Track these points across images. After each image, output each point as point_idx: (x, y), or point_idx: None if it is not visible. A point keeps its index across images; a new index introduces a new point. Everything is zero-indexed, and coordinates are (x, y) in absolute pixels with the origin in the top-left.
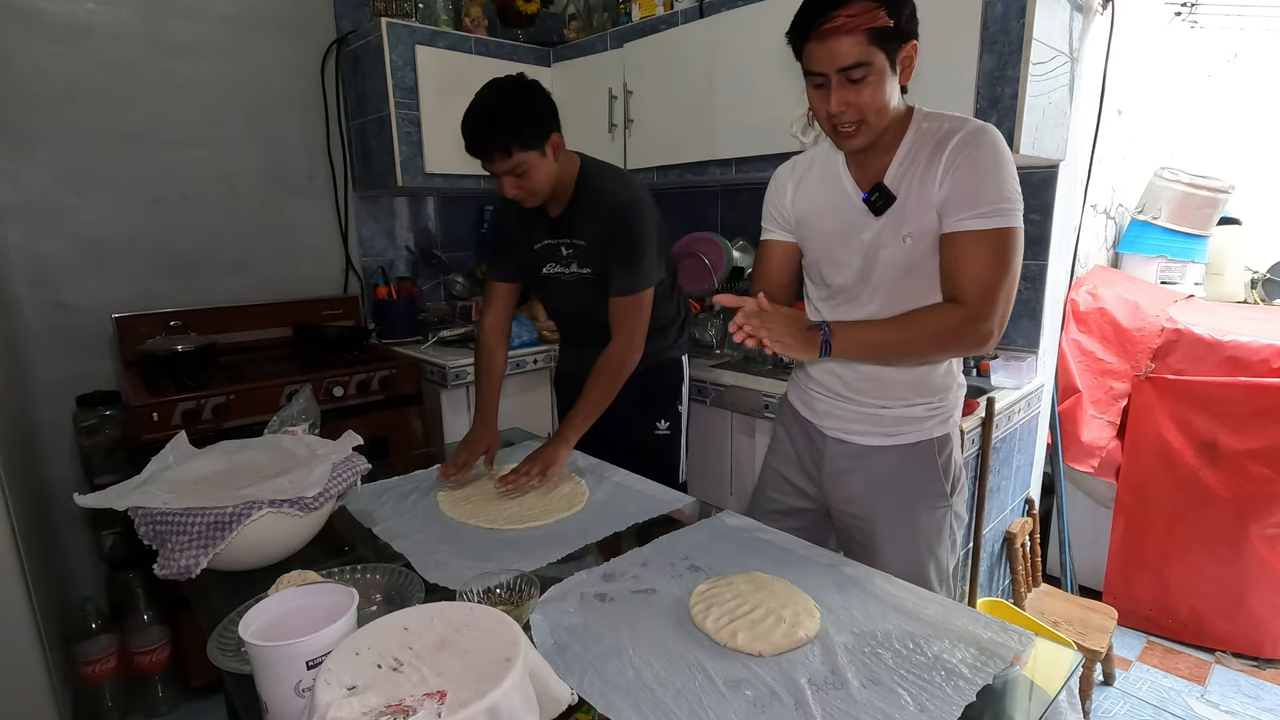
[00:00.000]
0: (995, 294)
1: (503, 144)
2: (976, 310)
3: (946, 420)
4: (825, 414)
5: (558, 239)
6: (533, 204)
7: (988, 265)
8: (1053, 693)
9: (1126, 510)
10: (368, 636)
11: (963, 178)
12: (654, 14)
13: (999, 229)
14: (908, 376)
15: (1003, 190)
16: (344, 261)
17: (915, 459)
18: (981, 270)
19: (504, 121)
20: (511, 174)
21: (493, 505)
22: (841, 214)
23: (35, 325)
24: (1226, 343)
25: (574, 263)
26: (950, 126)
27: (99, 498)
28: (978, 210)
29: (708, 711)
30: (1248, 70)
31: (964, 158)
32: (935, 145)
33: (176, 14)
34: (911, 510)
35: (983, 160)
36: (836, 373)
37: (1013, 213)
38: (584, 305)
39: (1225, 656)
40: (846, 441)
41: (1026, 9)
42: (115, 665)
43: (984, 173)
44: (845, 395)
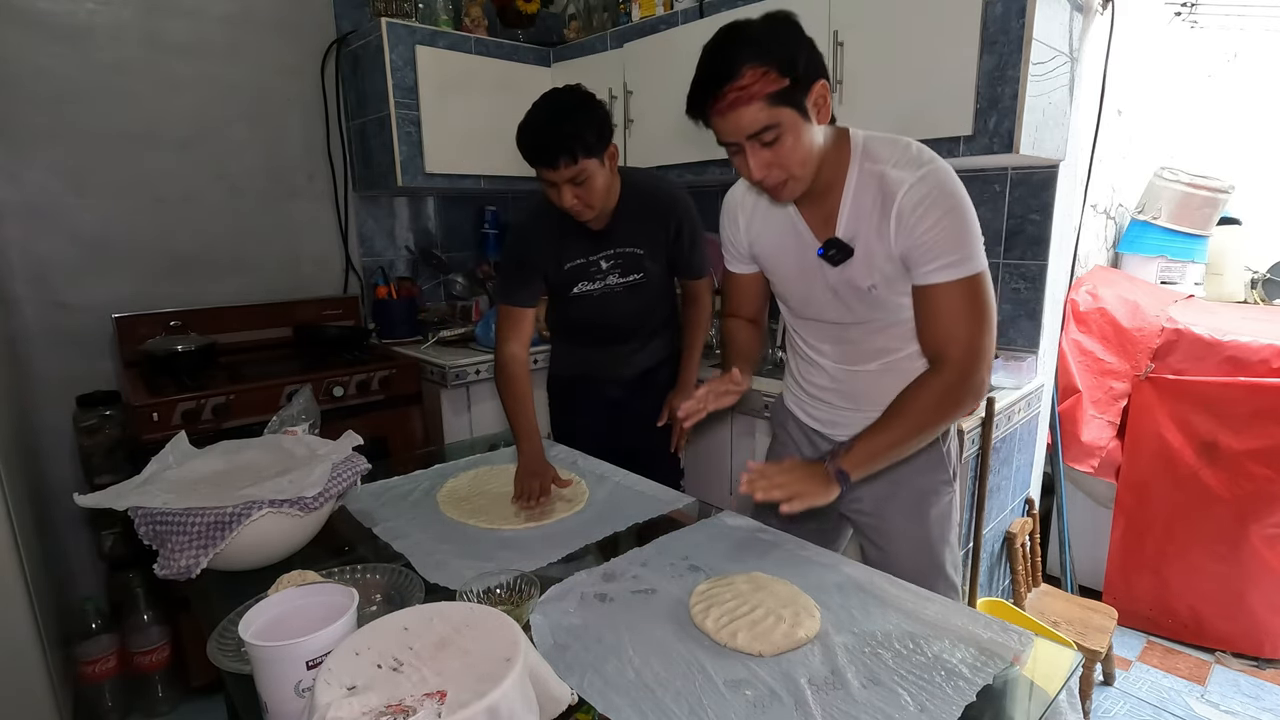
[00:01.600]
0: (979, 345)
1: (569, 150)
2: (965, 368)
3: None
4: (830, 422)
5: (595, 254)
6: (587, 217)
7: (966, 318)
8: (1053, 693)
9: (1126, 510)
10: (368, 636)
11: (923, 231)
12: (654, 14)
13: (968, 277)
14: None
15: (964, 236)
16: (344, 261)
17: (920, 452)
18: (960, 325)
19: (570, 129)
20: (572, 183)
21: (493, 505)
22: (800, 257)
23: (35, 325)
24: (1226, 343)
25: (614, 274)
26: (895, 174)
27: (99, 498)
28: (943, 261)
29: (708, 711)
30: (1248, 70)
31: (920, 211)
32: (883, 193)
33: (176, 14)
34: (921, 501)
35: (937, 208)
36: (836, 388)
37: (977, 256)
38: (616, 316)
39: (1225, 656)
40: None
41: (1026, 9)
42: (115, 665)
43: (943, 223)
44: (850, 408)
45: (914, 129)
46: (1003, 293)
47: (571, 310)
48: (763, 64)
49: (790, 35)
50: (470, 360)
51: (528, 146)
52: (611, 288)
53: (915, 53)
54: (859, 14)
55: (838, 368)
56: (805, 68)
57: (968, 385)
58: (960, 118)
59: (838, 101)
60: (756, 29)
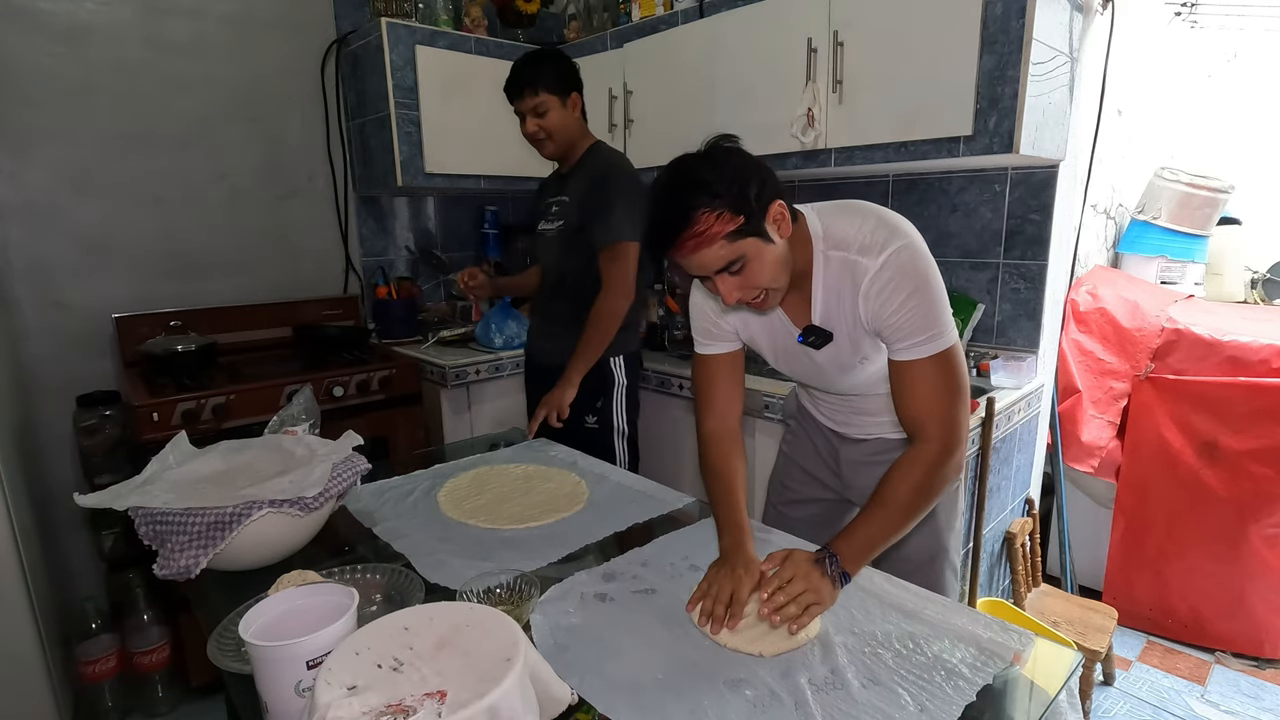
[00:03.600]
0: (956, 418)
1: (531, 83)
2: (946, 443)
3: None
4: (843, 424)
5: (554, 197)
6: (547, 151)
7: (941, 393)
8: (1053, 693)
9: (1126, 510)
10: (368, 636)
11: (890, 313)
12: (654, 14)
13: (939, 353)
14: None
15: (931, 314)
16: (344, 261)
17: None
18: (936, 401)
19: (534, 68)
20: (533, 113)
21: (493, 505)
22: (785, 342)
23: (35, 325)
24: (1226, 343)
25: (556, 219)
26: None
27: (99, 498)
28: (913, 340)
29: (708, 711)
30: (1248, 70)
31: (886, 295)
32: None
33: (176, 14)
34: None
35: (901, 291)
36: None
37: (946, 332)
38: (553, 259)
39: (1225, 656)
40: (867, 440)
41: (1026, 9)
42: (115, 665)
43: (909, 304)
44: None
45: (914, 129)
46: (1003, 292)
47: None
48: (715, 208)
49: (738, 169)
50: (470, 360)
51: (506, 85)
52: (553, 231)
53: (915, 53)
54: (859, 14)
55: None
56: (758, 198)
57: (951, 461)
58: (960, 118)
59: (837, 101)
60: (704, 171)
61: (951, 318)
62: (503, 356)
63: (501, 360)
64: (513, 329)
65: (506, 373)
